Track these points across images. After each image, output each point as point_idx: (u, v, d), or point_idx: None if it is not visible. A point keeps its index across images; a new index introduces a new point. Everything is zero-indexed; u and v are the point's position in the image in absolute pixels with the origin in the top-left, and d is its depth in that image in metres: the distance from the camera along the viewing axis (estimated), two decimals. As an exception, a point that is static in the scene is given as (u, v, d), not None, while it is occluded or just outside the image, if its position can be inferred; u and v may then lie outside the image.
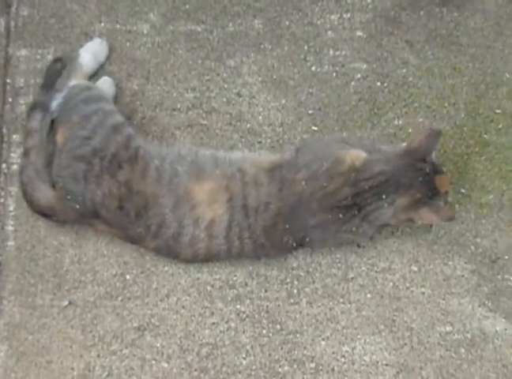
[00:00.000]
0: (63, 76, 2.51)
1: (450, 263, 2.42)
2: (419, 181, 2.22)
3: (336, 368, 2.33)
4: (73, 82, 2.47)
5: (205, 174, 2.28)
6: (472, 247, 2.44)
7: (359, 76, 2.60)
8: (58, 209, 2.34)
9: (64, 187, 2.30)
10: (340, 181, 2.23)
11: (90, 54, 2.54)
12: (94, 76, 2.56)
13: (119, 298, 2.39)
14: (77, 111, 2.36)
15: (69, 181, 2.30)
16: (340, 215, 2.24)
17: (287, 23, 2.65)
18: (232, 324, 2.37)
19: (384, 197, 2.22)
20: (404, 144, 2.32)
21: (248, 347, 2.35)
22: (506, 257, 2.43)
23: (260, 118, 2.56)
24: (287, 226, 2.26)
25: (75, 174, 2.28)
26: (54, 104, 2.43)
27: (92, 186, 2.26)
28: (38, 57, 2.61)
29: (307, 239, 2.30)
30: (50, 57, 2.60)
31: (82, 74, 2.51)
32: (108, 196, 2.26)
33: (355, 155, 2.27)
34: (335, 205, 2.23)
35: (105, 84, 2.54)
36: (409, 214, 2.24)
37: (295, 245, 2.30)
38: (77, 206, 2.29)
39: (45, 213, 2.39)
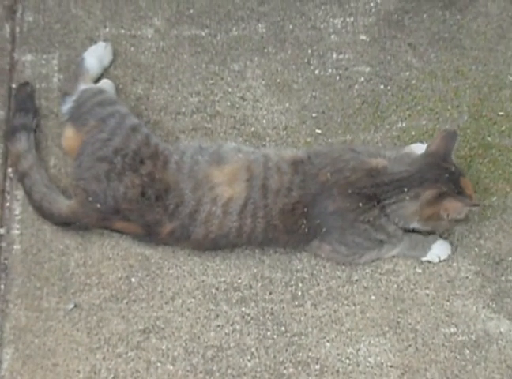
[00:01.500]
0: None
1: (454, 264, 2.42)
2: (446, 178, 2.24)
3: (340, 369, 2.33)
4: (82, 86, 2.49)
5: (227, 159, 2.32)
6: (476, 249, 2.44)
7: (362, 79, 2.62)
8: (80, 213, 2.36)
9: (85, 189, 2.32)
10: (362, 173, 2.27)
11: (95, 57, 2.56)
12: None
13: (125, 301, 2.40)
14: (94, 114, 2.38)
15: (91, 183, 2.32)
16: (360, 204, 2.26)
17: (290, 27, 2.67)
18: (237, 327, 2.38)
19: (405, 190, 2.24)
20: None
21: (253, 349, 2.36)
22: (510, 259, 2.43)
23: (264, 121, 2.58)
24: (305, 209, 2.28)
25: (97, 175, 2.31)
26: (66, 108, 2.46)
27: (115, 183, 2.29)
28: (43, 62, 2.63)
29: (324, 229, 2.31)
30: (55, 62, 2.63)
31: (89, 78, 2.54)
32: (131, 187, 2.28)
33: (380, 161, 2.31)
34: (355, 192, 2.26)
35: (105, 86, 2.55)
36: (434, 208, 2.24)
37: (307, 231, 2.31)
38: (98, 205, 2.31)
39: (68, 222, 2.41)
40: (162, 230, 2.32)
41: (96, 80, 2.56)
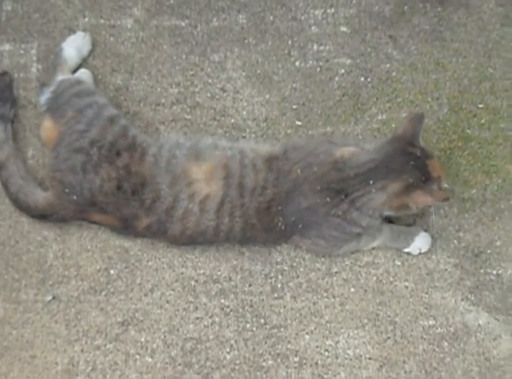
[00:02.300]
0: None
1: (433, 257, 2.43)
2: (411, 166, 2.22)
3: (319, 362, 2.33)
4: (60, 77, 2.47)
5: (204, 155, 2.30)
6: (455, 241, 2.45)
7: (342, 71, 2.61)
8: (57, 205, 2.34)
9: (62, 180, 2.30)
10: (328, 167, 2.26)
11: (73, 48, 2.54)
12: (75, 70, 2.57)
13: (103, 293, 2.39)
14: (71, 105, 2.36)
15: (67, 174, 2.30)
16: (328, 199, 2.25)
17: (271, 18, 2.66)
18: (216, 319, 2.37)
19: (371, 182, 2.22)
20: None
21: (232, 342, 2.36)
22: (489, 251, 2.44)
23: (244, 112, 2.57)
24: (280, 207, 2.27)
25: (73, 166, 2.29)
26: (43, 99, 2.43)
27: (91, 175, 2.27)
28: (21, 52, 2.60)
29: (300, 226, 2.30)
30: (33, 51, 2.60)
31: (67, 68, 2.51)
32: (107, 180, 2.27)
33: (346, 150, 2.29)
34: (324, 187, 2.25)
35: (83, 76, 2.53)
36: (403, 199, 2.23)
37: (284, 228, 2.30)
38: (75, 197, 2.29)
39: (45, 214, 2.39)
40: (138, 224, 2.31)
41: (74, 71, 2.53)
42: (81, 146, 2.30)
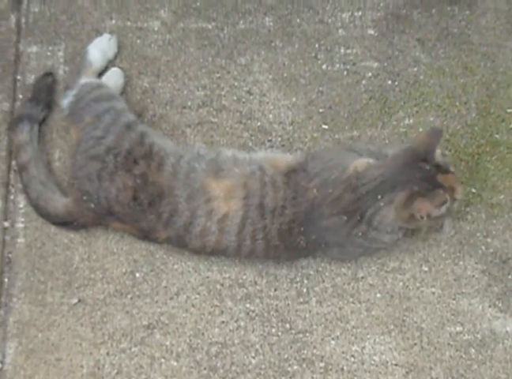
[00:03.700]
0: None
1: (461, 263, 2.41)
2: (418, 178, 2.13)
3: (345, 367, 2.33)
4: (83, 80, 2.46)
5: (224, 172, 2.25)
6: (483, 247, 2.43)
7: (370, 74, 2.60)
8: (76, 213, 2.34)
9: (79, 188, 2.29)
10: (342, 187, 2.20)
11: (99, 50, 2.53)
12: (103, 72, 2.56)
13: (129, 296, 2.39)
14: (89, 111, 2.35)
15: (84, 182, 2.28)
16: (346, 219, 2.19)
17: (298, 21, 2.65)
18: (242, 323, 2.37)
19: (379, 197, 2.15)
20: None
21: (257, 346, 2.35)
22: (517, 258, 2.43)
23: (270, 116, 2.56)
24: (302, 228, 2.23)
25: (89, 174, 2.27)
26: (66, 102, 2.43)
27: (106, 184, 2.25)
28: (48, 54, 2.61)
29: (323, 245, 2.26)
30: (60, 53, 2.60)
31: (92, 71, 2.51)
32: (123, 190, 2.24)
33: (360, 162, 2.23)
34: (341, 211, 2.19)
35: (114, 75, 2.54)
36: (410, 209, 2.13)
37: (306, 246, 2.26)
38: (93, 205, 2.28)
39: (64, 221, 2.39)
40: (158, 236, 2.29)
41: (103, 71, 2.54)
42: (97, 153, 2.28)
